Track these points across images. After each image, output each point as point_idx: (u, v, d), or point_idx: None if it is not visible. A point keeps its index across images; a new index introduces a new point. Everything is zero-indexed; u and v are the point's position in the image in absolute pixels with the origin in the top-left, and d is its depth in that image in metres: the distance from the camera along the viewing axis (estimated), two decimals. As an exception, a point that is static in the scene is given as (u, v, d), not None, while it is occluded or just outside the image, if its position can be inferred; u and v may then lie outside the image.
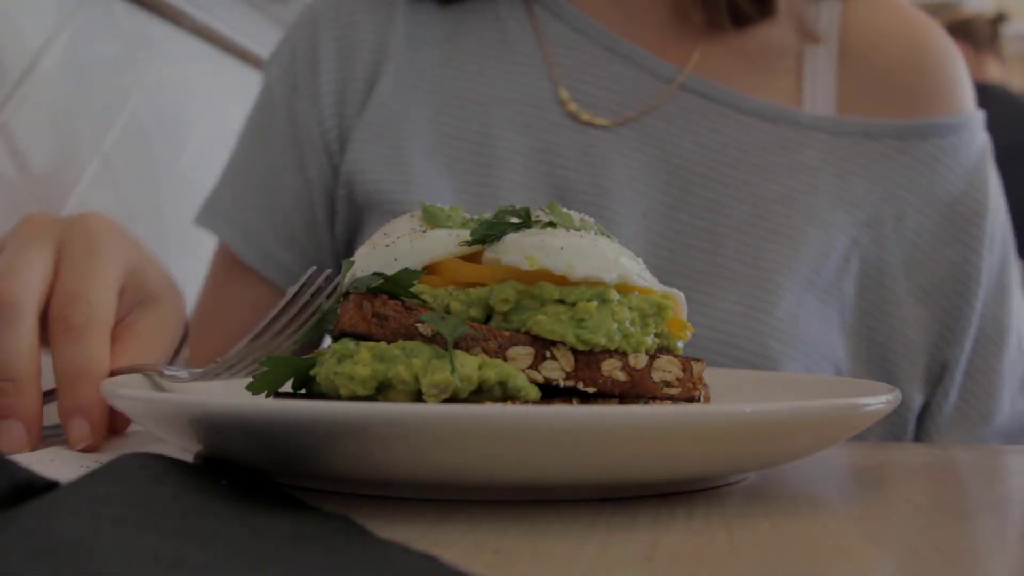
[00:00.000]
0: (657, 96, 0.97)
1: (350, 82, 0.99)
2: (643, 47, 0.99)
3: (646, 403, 0.52)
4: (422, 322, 0.51)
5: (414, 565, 0.34)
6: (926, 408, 0.93)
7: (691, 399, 0.54)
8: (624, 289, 0.54)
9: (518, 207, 0.57)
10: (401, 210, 0.90)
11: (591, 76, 0.98)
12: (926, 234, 0.94)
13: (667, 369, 0.53)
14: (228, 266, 1.04)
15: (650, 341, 0.53)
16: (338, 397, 0.51)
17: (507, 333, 0.51)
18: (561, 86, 0.97)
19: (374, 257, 0.56)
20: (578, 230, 0.56)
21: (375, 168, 0.95)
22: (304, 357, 0.55)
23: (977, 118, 0.99)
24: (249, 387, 0.54)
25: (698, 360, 0.55)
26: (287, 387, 0.56)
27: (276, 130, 1.01)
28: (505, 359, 0.51)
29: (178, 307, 0.75)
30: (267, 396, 0.55)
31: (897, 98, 0.98)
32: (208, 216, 1.04)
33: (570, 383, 0.51)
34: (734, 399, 0.61)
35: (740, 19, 0.98)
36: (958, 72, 1.01)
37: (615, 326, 0.52)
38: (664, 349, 0.55)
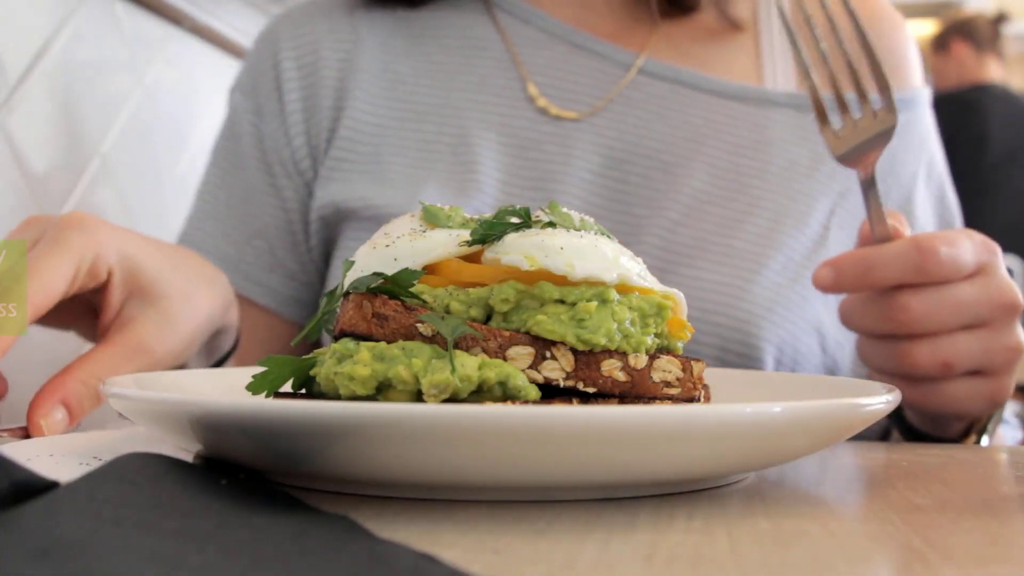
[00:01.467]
0: (620, 83, 0.98)
1: (317, 99, 1.00)
2: (602, 37, 1.01)
3: (646, 403, 0.52)
4: (422, 322, 0.51)
5: (414, 565, 0.34)
6: None
7: (691, 399, 0.54)
8: (624, 289, 0.54)
9: (518, 207, 0.57)
10: (382, 215, 0.91)
11: (557, 71, 1.00)
12: (892, 205, 0.99)
13: (667, 369, 0.53)
14: None
15: (650, 341, 0.53)
16: (338, 397, 0.51)
17: (507, 333, 0.51)
18: (530, 83, 0.99)
19: (374, 257, 0.56)
20: (578, 230, 0.56)
21: (354, 181, 0.95)
22: (304, 357, 0.55)
23: (925, 93, 1.04)
24: (249, 387, 0.54)
25: (698, 360, 0.55)
26: (287, 387, 0.56)
27: (245, 155, 1.02)
28: (505, 359, 0.51)
29: (195, 304, 0.73)
30: (267, 396, 0.55)
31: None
32: None
33: (570, 383, 0.51)
34: (734, 399, 0.61)
35: (681, 4, 1.01)
36: (909, 47, 1.05)
37: (615, 326, 0.52)
38: (664, 349, 0.55)
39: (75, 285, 0.66)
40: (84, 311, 0.72)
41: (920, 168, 1.02)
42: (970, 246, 0.71)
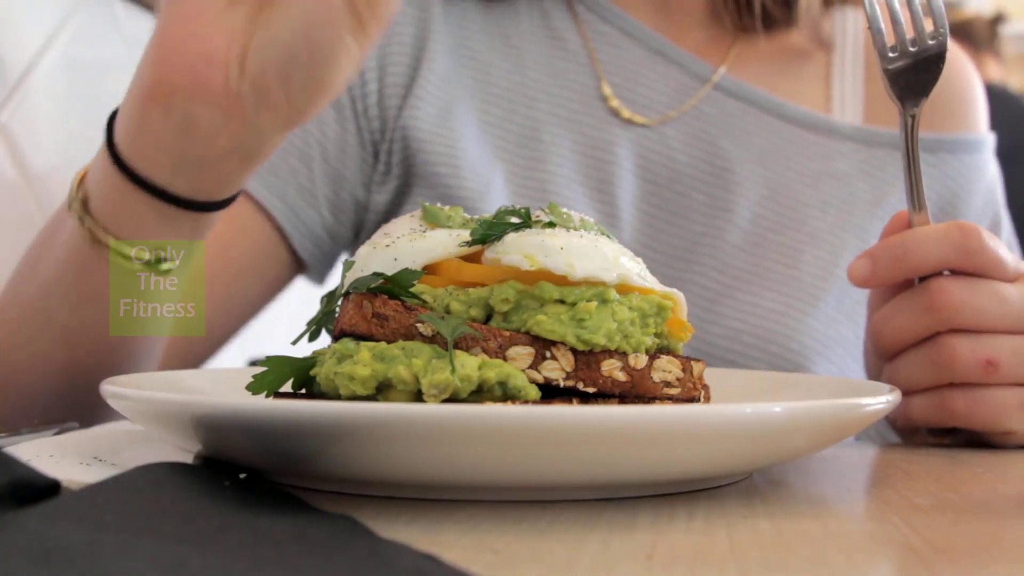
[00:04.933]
0: (695, 95, 0.98)
1: (393, 55, 0.95)
2: (680, 46, 1.00)
3: (646, 403, 0.52)
4: (422, 322, 0.51)
5: (415, 565, 0.34)
6: None
7: (691, 399, 0.54)
8: (624, 289, 0.54)
9: (518, 207, 0.57)
10: (453, 194, 0.89)
11: (633, 74, 0.99)
12: None
13: (667, 369, 0.53)
14: None
15: (650, 341, 0.53)
16: (338, 397, 0.51)
17: (507, 333, 0.51)
18: (604, 83, 0.98)
19: (374, 257, 0.56)
20: (578, 230, 0.56)
21: (426, 140, 0.92)
22: (304, 357, 0.55)
23: (991, 140, 1.03)
24: (249, 387, 0.54)
25: (698, 360, 0.55)
26: (287, 387, 0.56)
27: None
28: (505, 359, 0.51)
29: None
30: (267, 396, 0.55)
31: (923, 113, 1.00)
32: None
33: (570, 383, 0.51)
34: (734, 399, 0.61)
35: (768, 23, 1.00)
36: (978, 93, 1.04)
37: (615, 326, 0.52)
38: (664, 349, 0.55)
39: None
40: None
41: (984, 223, 1.00)
42: (1009, 253, 0.68)
